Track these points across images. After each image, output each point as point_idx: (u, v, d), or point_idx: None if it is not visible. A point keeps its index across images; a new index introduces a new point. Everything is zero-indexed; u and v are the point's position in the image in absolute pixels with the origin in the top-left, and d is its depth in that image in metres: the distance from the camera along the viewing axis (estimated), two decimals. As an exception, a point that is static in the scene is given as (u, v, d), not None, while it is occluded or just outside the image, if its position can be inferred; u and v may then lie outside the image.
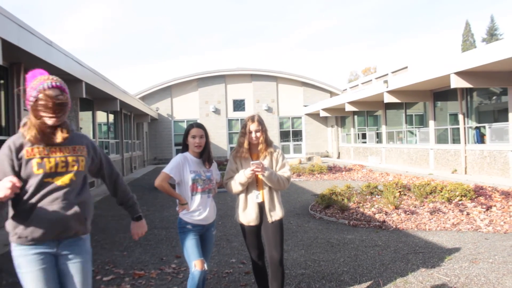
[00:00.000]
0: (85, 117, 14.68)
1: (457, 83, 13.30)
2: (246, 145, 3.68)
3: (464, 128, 15.41)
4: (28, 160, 2.26)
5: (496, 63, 11.55)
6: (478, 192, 8.92)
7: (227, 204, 10.07)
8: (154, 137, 30.03)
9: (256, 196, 3.66)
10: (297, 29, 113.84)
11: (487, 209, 7.82)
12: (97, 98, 15.06)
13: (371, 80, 27.70)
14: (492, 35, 56.05)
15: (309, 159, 27.17)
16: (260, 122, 3.70)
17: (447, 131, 17.08)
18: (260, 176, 3.58)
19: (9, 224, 2.43)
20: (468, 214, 7.67)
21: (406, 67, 23.16)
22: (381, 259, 5.35)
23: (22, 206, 2.34)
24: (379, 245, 6.07)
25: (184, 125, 29.73)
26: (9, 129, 8.61)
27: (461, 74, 13.19)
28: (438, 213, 7.82)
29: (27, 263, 2.31)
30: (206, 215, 3.53)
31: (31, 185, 2.29)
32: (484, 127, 14.76)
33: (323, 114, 28.01)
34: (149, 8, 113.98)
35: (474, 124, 15.50)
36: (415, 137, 19.80)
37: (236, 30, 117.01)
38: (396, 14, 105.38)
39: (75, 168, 2.37)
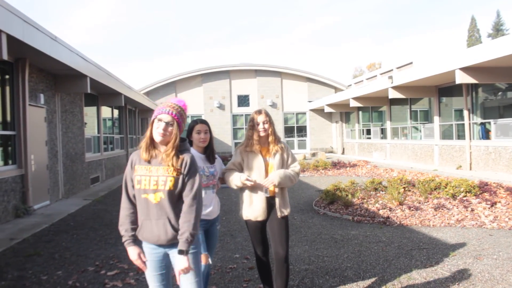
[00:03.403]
0: (90, 112, 14.71)
1: (462, 78, 13.23)
2: (255, 137, 3.67)
3: (469, 124, 15.33)
4: (134, 176, 2.70)
5: (502, 58, 11.46)
6: (483, 188, 8.88)
7: (231, 200, 10.09)
8: (159, 132, 29.98)
9: (264, 191, 3.65)
10: (301, 24, 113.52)
11: (492, 205, 7.80)
12: (101, 94, 15.07)
13: (376, 76, 27.57)
14: (498, 30, 55.66)
15: (314, 154, 27.13)
16: (267, 114, 3.70)
17: (452, 127, 17.00)
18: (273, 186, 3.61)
19: None
20: (472, 210, 7.65)
21: (411, 63, 23.02)
22: (385, 255, 5.35)
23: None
24: (383, 241, 6.07)
25: (189, 121, 29.65)
26: (14, 124, 8.65)
27: (466, 69, 13.12)
28: (442, 209, 7.80)
29: None
30: (211, 210, 3.55)
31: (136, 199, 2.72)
32: (489, 123, 14.67)
33: (327, 109, 27.94)
34: (153, 4, 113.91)
35: (479, 120, 15.42)
36: (420, 133, 19.72)
37: (241, 26, 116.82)
38: (401, 9, 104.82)
39: (163, 187, 2.63)
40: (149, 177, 2.63)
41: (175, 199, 2.65)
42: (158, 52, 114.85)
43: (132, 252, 2.67)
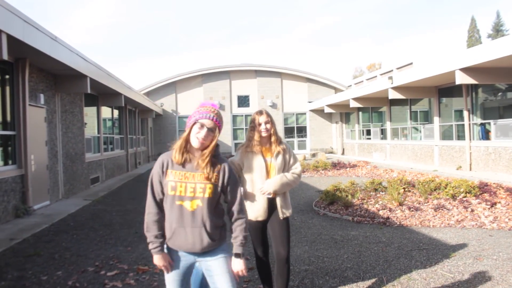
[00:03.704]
0: (90, 112, 14.71)
1: (462, 79, 13.23)
2: (257, 137, 3.64)
3: (469, 124, 15.33)
4: (166, 182, 2.55)
5: (502, 59, 11.47)
6: (483, 189, 8.88)
7: (231, 200, 10.08)
8: (159, 132, 30.06)
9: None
10: (301, 24, 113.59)
11: (492, 206, 7.80)
12: (102, 94, 15.08)
13: (376, 76, 27.56)
14: (498, 31, 55.65)
15: (314, 155, 27.12)
16: (269, 115, 3.69)
17: (452, 127, 17.01)
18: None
19: None
20: (472, 210, 7.64)
21: (411, 63, 23.02)
22: (385, 256, 5.34)
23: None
24: (383, 241, 6.07)
25: (188, 121, 29.66)
26: (14, 124, 8.65)
27: (466, 70, 13.13)
28: (442, 209, 7.80)
29: None
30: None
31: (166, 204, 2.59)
32: (489, 123, 14.68)
33: (327, 110, 27.95)
34: (153, 4, 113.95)
35: (479, 120, 15.42)
36: (420, 134, 19.72)
37: (241, 26, 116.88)
38: (401, 10, 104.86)
39: (202, 195, 2.54)
40: (185, 183, 2.52)
41: (212, 206, 2.59)
42: (158, 52, 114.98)
43: (161, 259, 2.57)
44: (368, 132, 25.72)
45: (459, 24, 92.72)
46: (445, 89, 17.45)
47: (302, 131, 31.54)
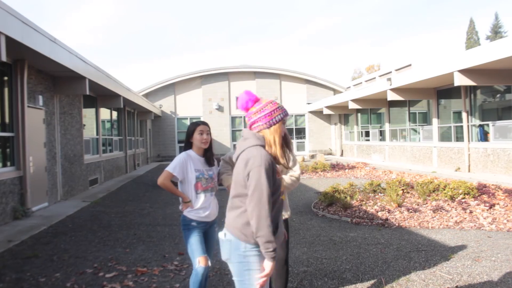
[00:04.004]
0: (88, 114, 14.70)
1: (460, 81, 13.25)
2: None
3: (468, 126, 15.35)
4: (278, 179, 2.46)
5: (500, 60, 11.49)
6: (481, 190, 8.89)
7: (230, 202, 10.08)
8: (158, 134, 30.05)
9: None
10: (300, 26, 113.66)
11: (490, 207, 7.80)
12: (100, 95, 15.07)
13: (374, 78, 27.60)
14: (496, 32, 55.78)
15: (312, 156, 27.14)
16: None
17: (450, 129, 17.03)
18: None
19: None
20: (471, 212, 7.65)
21: (410, 65, 23.06)
22: (384, 257, 5.35)
23: None
24: (381, 243, 6.07)
25: (188, 122, 29.72)
26: (13, 125, 8.64)
27: (465, 72, 13.15)
28: (441, 211, 7.81)
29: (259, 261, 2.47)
30: (210, 212, 3.59)
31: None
32: (487, 125, 14.70)
33: (326, 111, 27.96)
34: (153, 5, 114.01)
35: (477, 122, 15.45)
36: (419, 135, 19.75)
37: (240, 28, 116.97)
38: (400, 11, 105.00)
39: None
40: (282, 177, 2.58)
41: None
42: (157, 53, 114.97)
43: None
44: (367, 134, 25.74)
45: (458, 25, 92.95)
46: (443, 91, 17.48)
47: (301, 132, 31.55)
